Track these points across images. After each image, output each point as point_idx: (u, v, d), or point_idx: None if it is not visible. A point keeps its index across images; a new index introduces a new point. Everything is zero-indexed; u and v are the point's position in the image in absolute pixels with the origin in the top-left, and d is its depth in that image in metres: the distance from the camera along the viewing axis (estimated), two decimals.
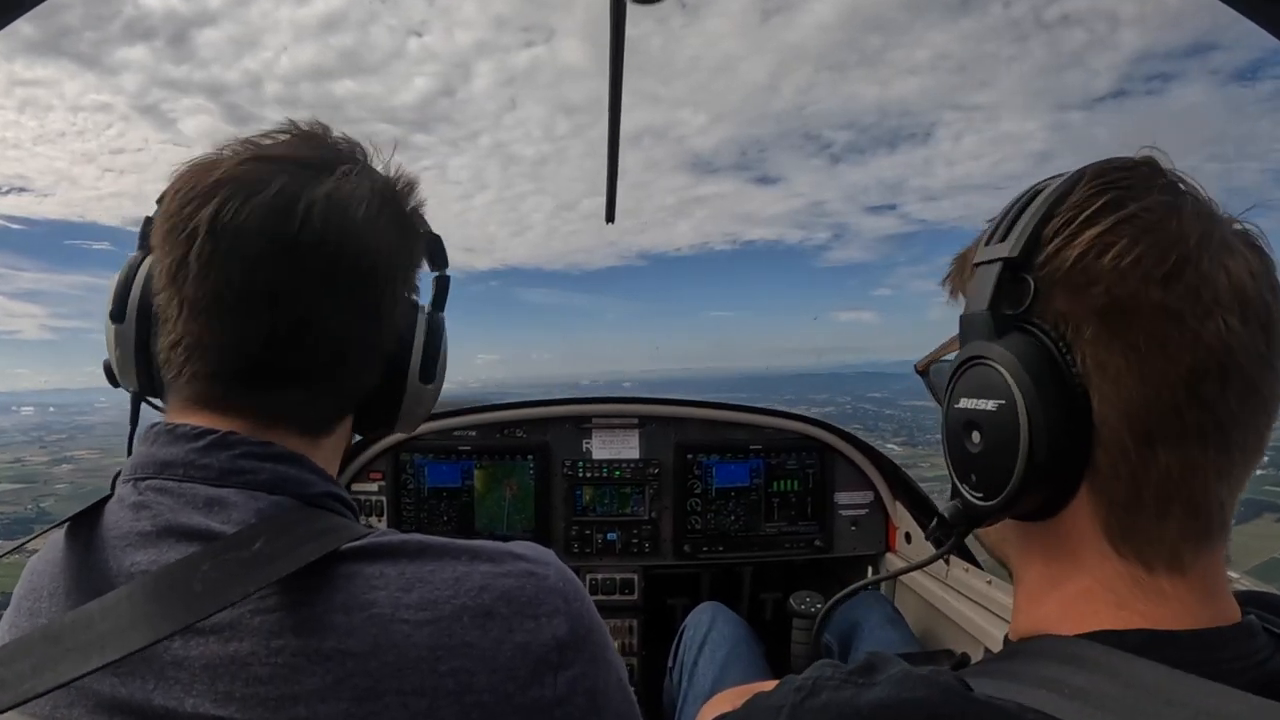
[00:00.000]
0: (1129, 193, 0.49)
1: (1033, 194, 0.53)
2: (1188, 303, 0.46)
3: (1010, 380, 0.49)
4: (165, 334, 0.57)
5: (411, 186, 0.64)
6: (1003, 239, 0.52)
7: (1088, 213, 0.49)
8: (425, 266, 0.69)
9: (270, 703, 0.46)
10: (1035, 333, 0.50)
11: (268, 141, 0.58)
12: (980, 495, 0.53)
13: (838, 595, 0.81)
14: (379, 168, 0.62)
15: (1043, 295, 0.50)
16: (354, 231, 0.56)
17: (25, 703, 0.42)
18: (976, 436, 0.52)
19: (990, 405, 0.51)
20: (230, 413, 0.57)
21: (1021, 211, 0.52)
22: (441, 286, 0.72)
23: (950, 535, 0.57)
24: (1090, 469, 0.49)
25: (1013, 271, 0.51)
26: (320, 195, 0.55)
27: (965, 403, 0.53)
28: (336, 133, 0.61)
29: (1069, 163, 0.63)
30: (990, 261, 0.52)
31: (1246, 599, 0.53)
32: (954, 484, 0.56)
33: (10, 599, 0.58)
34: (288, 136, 0.59)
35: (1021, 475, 0.49)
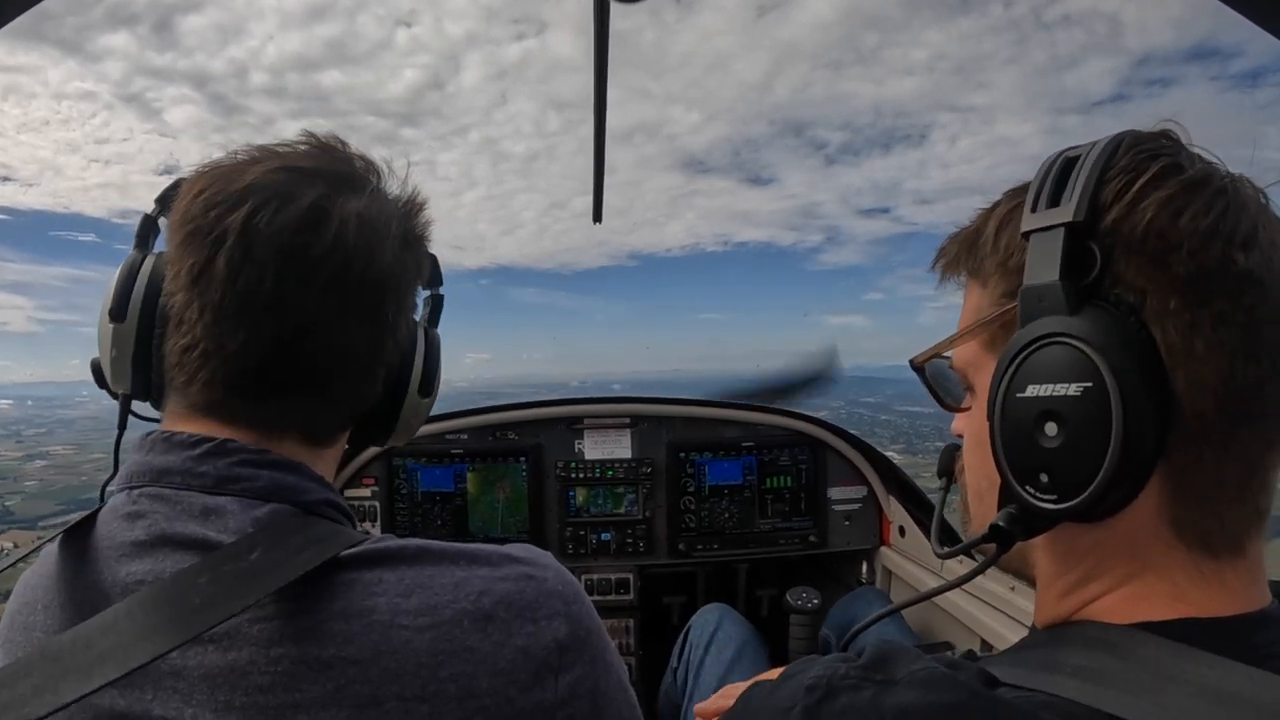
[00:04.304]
0: (1178, 159, 0.46)
1: (1065, 160, 0.49)
2: (1266, 269, 0.44)
3: (1099, 359, 0.44)
4: (178, 337, 0.56)
5: (421, 206, 0.65)
6: (1052, 204, 0.47)
7: (1147, 176, 0.45)
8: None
9: (270, 711, 0.46)
10: (1110, 307, 0.45)
11: (289, 151, 0.59)
12: (1053, 497, 0.47)
13: (863, 622, 0.74)
14: (394, 185, 0.64)
15: (1113, 264, 0.45)
16: (377, 250, 0.57)
17: None
18: (1053, 428, 0.46)
19: (1074, 389, 0.45)
20: (236, 421, 0.56)
21: (1065, 175, 0.48)
22: (437, 304, 0.75)
23: (1005, 546, 0.51)
24: (1164, 458, 0.45)
25: (1077, 239, 0.46)
26: (352, 212, 0.56)
27: (1036, 390, 0.47)
28: (353, 148, 0.62)
29: None
30: (1049, 228, 0.47)
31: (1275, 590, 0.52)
32: (1008, 487, 0.50)
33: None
34: (308, 148, 0.60)
35: (1112, 470, 0.44)
